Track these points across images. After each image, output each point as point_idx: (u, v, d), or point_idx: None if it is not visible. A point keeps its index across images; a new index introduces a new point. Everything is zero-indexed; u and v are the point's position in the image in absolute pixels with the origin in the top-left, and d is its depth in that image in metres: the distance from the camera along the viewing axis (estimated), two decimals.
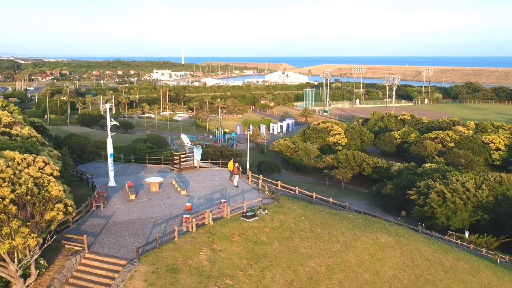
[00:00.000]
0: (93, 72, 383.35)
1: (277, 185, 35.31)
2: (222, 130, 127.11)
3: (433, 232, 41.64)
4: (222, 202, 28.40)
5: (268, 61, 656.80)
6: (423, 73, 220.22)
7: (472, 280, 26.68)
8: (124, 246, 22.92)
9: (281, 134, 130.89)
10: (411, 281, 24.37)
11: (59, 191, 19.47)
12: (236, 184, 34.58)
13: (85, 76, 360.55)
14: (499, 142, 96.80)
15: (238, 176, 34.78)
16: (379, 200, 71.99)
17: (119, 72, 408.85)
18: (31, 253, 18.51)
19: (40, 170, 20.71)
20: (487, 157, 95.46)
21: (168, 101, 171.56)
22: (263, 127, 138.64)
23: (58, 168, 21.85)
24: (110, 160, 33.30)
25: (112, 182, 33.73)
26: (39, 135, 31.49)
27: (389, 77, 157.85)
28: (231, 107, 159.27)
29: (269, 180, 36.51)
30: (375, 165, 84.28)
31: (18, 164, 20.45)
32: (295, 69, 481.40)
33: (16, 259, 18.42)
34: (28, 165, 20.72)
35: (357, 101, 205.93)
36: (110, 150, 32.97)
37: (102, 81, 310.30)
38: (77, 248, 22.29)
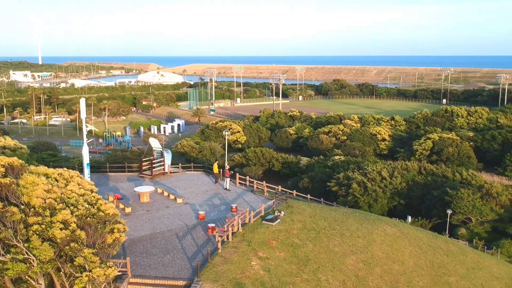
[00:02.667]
0: None
1: (262, 185, 34.65)
2: (114, 133, 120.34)
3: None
4: (234, 207, 26.99)
5: (136, 60, 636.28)
6: (297, 71, 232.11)
7: (466, 260, 29.21)
8: (167, 265, 20.50)
9: (179, 134, 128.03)
10: (429, 267, 25.84)
11: (114, 208, 16.73)
12: (227, 187, 33.10)
13: None
14: (384, 133, 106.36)
15: (229, 178, 33.34)
16: None
17: None
18: (110, 286, 15.62)
19: (81, 187, 17.53)
20: (375, 147, 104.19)
21: (43, 104, 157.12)
22: (154, 128, 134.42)
23: (93, 183, 18.75)
24: (86, 171, 29.41)
25: None
26: (24, 146, 26.62)
27: (275, 75, 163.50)
28: (115, 109, 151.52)
29: (255, 180, 35.58)
30: (284, 161, 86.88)
31: (57, 181, 17.07)
32: (165, 69, 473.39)
33: None
34: (67, 181, 17.40)
35: (238, 99, 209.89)
36: (86, 159, 29.20)
37: None
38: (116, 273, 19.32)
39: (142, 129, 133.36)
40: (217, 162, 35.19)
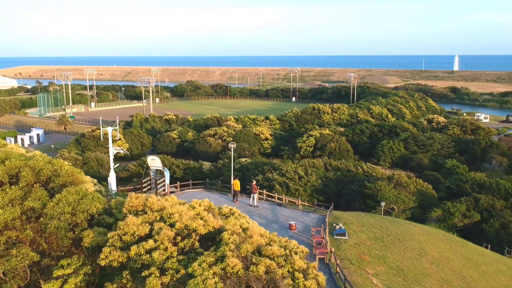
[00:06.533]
0: None
1: (274, 197, 33.23)
2: None
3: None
4: (293, 225, 25.38)
5: None
6: (152, 73, 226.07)
7: (473, 249, 32.09)
8: None
9: (52, 146, 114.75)
10: (466, 260, 27.84)
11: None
12: (255, 204, 30.79)
13: None
14: (266, 132, 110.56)
15: (256, 194, 31.07)
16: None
17: None
18: None
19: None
20: (260, 147, 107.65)
21: None
22: (10, 140, 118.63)
23: None
24: None
25: None
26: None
27: (143, 78, 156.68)
28: None
29: (283, 195, 33.92)
30: (186, 167, 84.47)
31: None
32: None
33: None
34: (227, 215, 14.37)
35: (92, 104, 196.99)
36: (113, 186, 24.66)
37: None
38: None
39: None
40: (237, 178, 32.94)
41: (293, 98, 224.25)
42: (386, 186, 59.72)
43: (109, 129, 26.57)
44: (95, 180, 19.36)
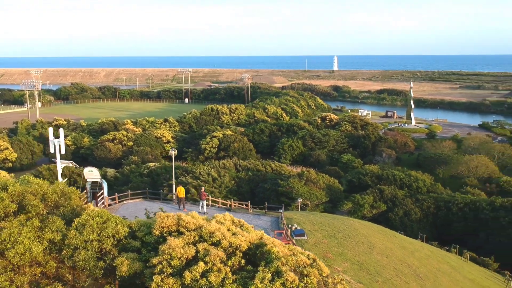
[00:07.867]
0: None
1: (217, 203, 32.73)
2: None
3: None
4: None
5: None
6: (32, 74, 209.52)
7: (400, 237, 34.65)
8: None
9: None
10: (403, 249, 29.89)
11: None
12: (205, 211, 29.81)
13: None
14: (167, 135, 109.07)
15: (205, 201, 30.10)
16: None
17: None
18: None
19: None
20: (162, 150, 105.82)
21: None
22: None
23: None
24: None
25: None
26: None
27: (27, 81, 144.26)
28: None
29: (215, 200, 33.19)
30: None
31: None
32: None
33: None
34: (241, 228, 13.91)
35: None
36: None
37: None
38: None
39: None
40: (181, 185, 31.81)
41: (186, 100, 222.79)
42: (298, 183, 62.38)
43: (56, 141, 24.61)
44: None
